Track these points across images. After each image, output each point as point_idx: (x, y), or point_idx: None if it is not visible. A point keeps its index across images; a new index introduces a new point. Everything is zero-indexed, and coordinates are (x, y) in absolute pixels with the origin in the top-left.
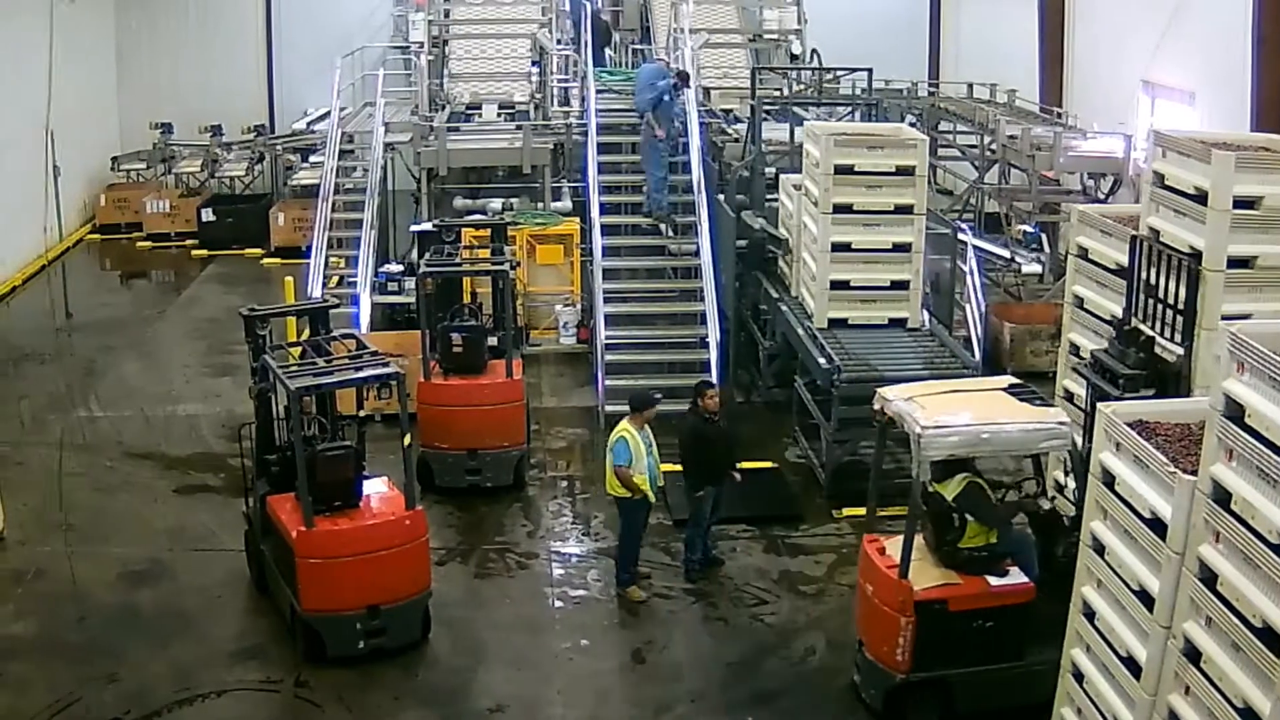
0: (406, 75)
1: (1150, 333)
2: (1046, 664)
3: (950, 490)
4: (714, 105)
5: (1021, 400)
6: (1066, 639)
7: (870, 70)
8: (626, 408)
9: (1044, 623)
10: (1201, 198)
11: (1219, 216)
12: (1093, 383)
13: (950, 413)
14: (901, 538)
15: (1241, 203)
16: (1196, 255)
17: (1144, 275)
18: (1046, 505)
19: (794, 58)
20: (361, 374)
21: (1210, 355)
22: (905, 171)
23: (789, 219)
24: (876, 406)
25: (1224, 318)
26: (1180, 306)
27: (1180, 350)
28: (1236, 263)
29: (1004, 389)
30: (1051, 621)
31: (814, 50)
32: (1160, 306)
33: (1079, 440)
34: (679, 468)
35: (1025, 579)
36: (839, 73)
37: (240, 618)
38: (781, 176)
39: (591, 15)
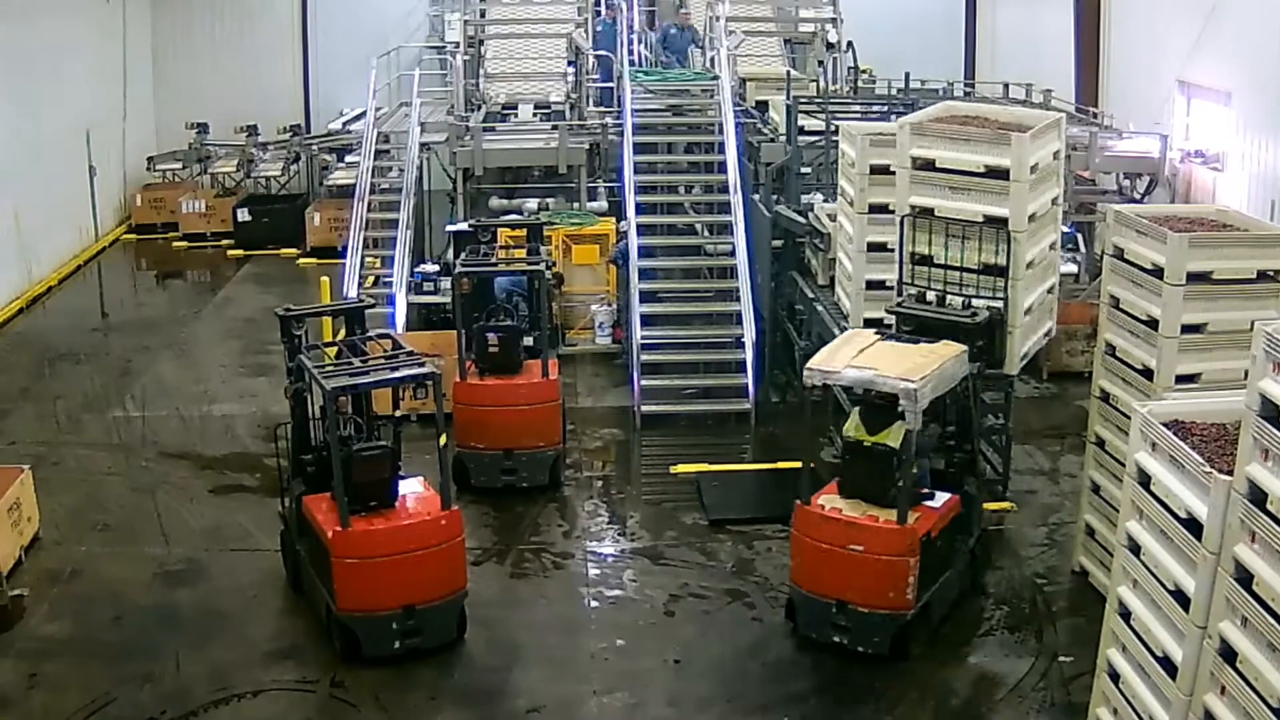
0: (442, 75)
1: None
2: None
3: (893, 439)
4: (748, 96)
5: (901, 341)
6: (1102, 638)
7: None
8: (663, 408)
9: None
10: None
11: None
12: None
13: (897, 364)
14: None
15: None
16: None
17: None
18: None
19: (830, 47)
20: (397, 374)
21: None
22: None
23: None
24: (814, 383)
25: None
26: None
27: None
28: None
29: (878, 336)
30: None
31: (849, 42)
32: None
33: None
34: (715, 467)
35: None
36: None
37: (276, 618)
38: (816, 206)
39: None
